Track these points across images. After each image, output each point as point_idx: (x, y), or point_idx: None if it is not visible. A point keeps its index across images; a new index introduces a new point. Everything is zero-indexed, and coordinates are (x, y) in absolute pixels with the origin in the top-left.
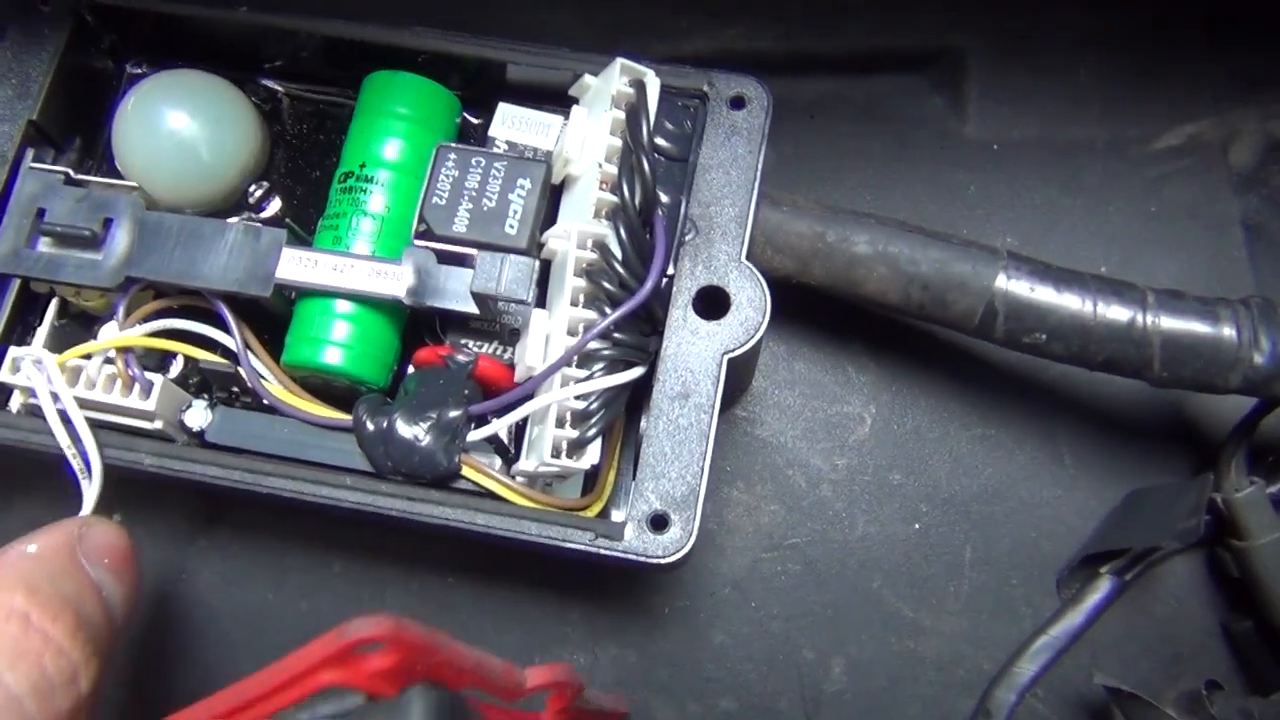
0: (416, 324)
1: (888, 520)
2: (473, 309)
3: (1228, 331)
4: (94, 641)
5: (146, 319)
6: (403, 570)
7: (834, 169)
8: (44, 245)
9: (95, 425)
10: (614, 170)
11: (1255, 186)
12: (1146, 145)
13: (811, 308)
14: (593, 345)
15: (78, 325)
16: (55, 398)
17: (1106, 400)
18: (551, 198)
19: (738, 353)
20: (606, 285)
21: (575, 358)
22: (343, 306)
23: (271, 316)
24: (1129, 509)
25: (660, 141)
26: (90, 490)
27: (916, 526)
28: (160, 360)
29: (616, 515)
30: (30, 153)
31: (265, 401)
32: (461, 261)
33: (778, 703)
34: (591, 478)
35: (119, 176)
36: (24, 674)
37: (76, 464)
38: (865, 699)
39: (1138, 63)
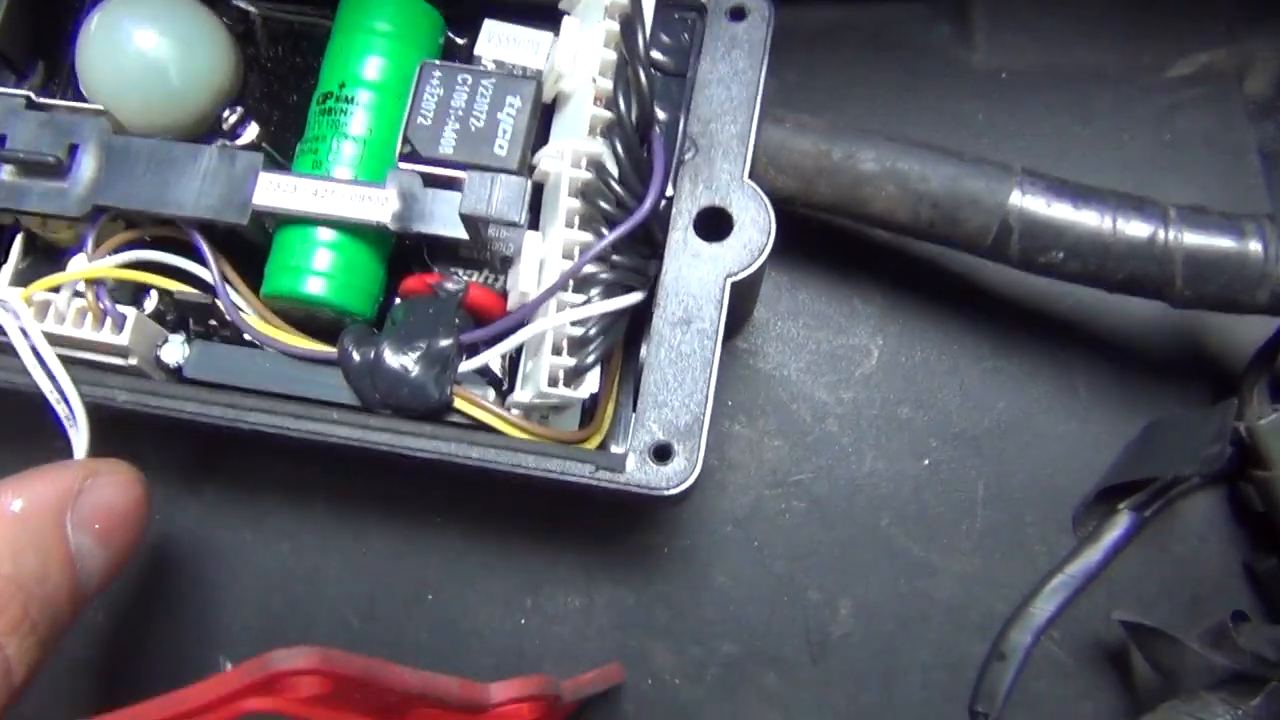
0: (403, 252)
1: (896, 456)
2: (462, 234)
3: (1254, 246)
4: (40, 629)
5: (118, 250)
6: (387, 510)
7: (839, 97)
8: (6, 174)
9: (67, 362)
10: (609, 85)
11: (1271, 114)
12: (1159, 73)
13: (816, 235)
14: (590, 269)
15: (46, 260)
16: (25, 334)
17: (1122, 329)
18: (543, 117)
19: (742, 275)
20: (603, 205)
21: (571, 282)
22: (324, 234)
23: (250, 246)
24: (1148, 439)
25: (657, 55)
26: (79, 438)
27: (926, 462)
28: (134, 295)
29: (616, 449)
30: None
31: (246, 335)
32: (449, 185)
33: (782, 647)
34: (590, 410)
35: (85, 102)
36: None
37: (60, 409)
38: (873, 642)
39: None
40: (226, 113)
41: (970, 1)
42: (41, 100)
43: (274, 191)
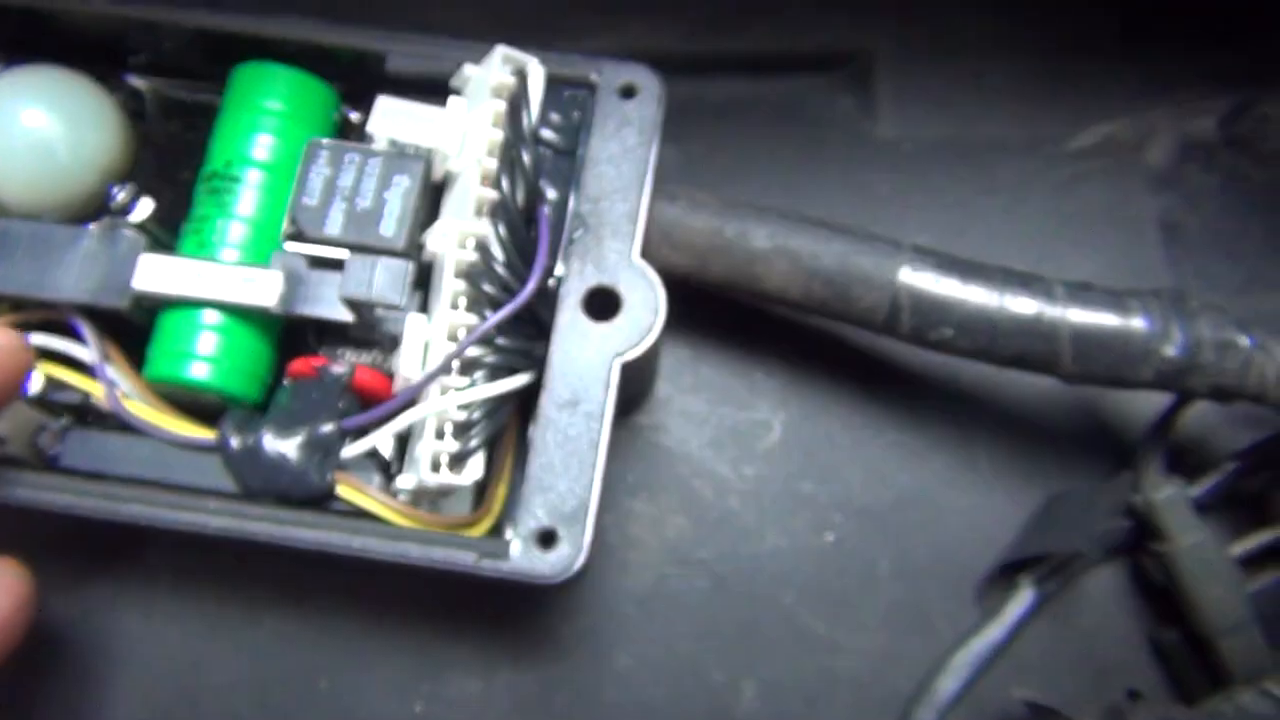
0: (293, 334)
1: (799, 532)
2: (348, 316)
3: (1137, 323)
4: None
5: None
6: (281, 594)
7: (743, 170)
8: None
9: None
10: (494, 165)
11: (1172, 186)
12: (1061, 145)
13: (718, 310)
14: (474, 351)
15: None
16: None
17: (1024, 403)
18: (434, 196)
19: (630, 356)
20: (487, 288)
21: (456, 365)
22: (209, 317)
23: (138, 328)
24: (1048, 513)
25: (546, 134)
26: None
27: (829, 538)
28: None
29: (510, 532)
30: None
31: (128, 422)
32: (336, 266)
33: None
34: (482, 492)
35: None
36: None
37: None
38: None
39: (1051, 63)
40: (117, 190)
41: (874, 73)
42: None
43: (155, 274)
